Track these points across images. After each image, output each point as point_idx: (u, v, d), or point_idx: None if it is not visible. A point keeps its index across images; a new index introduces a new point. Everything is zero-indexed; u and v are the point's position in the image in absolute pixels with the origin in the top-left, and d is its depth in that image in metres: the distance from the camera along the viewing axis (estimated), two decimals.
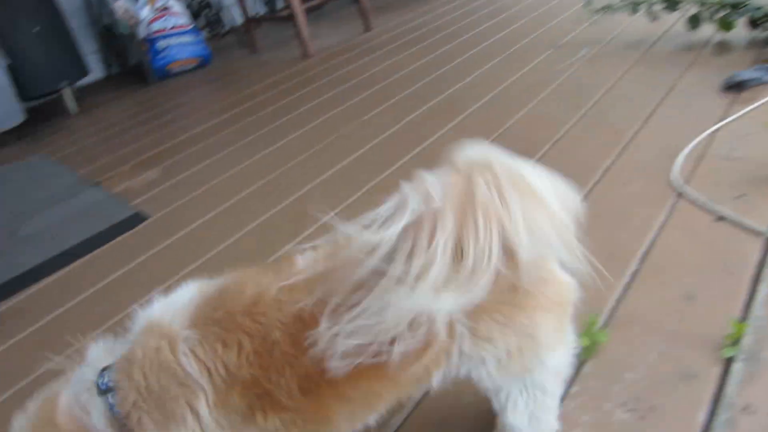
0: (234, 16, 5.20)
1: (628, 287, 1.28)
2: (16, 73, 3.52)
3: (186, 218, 2.13)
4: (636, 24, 2.88)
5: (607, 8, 2.72)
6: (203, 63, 4.39)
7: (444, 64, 3.13)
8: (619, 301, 1.25)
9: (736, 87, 2.05)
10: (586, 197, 1.64)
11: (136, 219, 2.19)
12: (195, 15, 4.75)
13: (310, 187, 2.14)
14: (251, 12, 4.42)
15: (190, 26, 4.32)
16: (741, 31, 2.46)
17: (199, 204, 2.23)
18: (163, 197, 2.37)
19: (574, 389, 1.06)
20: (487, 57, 3.09)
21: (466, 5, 4.36)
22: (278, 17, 4.52)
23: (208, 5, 5.10)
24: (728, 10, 2.41)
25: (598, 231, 1.49)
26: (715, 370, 1.04)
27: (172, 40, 4.20)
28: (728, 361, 1.04)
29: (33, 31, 3.60)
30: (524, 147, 2.00)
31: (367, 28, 4.20)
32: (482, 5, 4.26)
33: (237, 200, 2.18)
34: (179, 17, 4.25)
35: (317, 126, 2.72)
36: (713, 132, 1.81)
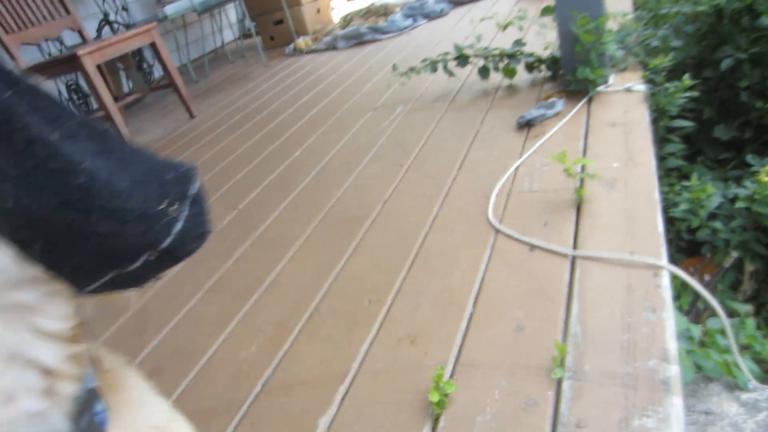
0: None
1: (467, 332, 1.36)
2: None
3: None
4: (438, 81, 3.18)
5: (411, 70, 2.96)
6: None
7: (271, 142, 3.18)
8: (460, 348, 1.32)
9: (526, 125, 2.32)
10: (419, 249, 1.73)
11: None
12: None
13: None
14: None
15: None
16: (523, 74, 2.82)
17: None
18: None
19: None
20: (312, 128, 3.19)
21: (283, 81, 4.50)
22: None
23: None
24: (507, 60, 2.75)
25: (435, 280, 1.58)
26: (550, 394, 1.12)
27: None
28: (559, 382, 1.14)
29: None
30: (357, 213, 2.08)
31: (191, 116, 4.15)
32: (299, 79, 4.42)
33: None
34: None
35: None
36: (515, 169, 2.03)
